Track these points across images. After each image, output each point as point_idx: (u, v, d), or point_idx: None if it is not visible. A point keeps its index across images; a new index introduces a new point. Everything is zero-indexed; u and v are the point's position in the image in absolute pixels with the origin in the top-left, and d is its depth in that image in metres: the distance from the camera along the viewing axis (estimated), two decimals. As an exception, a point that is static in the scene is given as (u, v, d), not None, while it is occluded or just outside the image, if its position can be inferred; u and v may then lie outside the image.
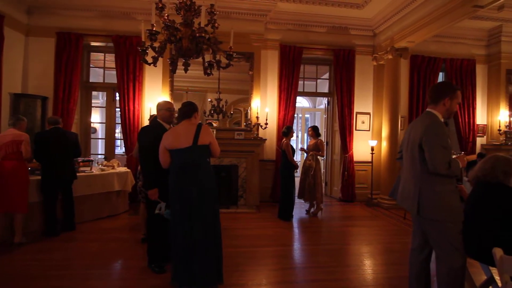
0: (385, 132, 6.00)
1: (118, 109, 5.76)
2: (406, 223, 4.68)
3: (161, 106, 2.97)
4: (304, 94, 7.23)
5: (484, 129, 6.67)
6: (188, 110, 2.58)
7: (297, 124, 10.11)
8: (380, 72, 6.28)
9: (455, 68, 6.41)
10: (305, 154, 5.42)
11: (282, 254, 3.47)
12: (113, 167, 4.83)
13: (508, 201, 1.99)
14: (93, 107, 6.66)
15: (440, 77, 6.62)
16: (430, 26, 4.97)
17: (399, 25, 5.52)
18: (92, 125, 6.54)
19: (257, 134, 5.58)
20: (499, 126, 6.42)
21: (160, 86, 5.53)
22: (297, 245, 3.85)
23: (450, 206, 1.95)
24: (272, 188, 6.01)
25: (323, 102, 8.01)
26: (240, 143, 5.47)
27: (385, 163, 5.94)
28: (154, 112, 5.13)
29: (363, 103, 6.43)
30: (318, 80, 7.01)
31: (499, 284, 1.84)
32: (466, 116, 6.43)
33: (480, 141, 6.63)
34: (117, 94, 5.73)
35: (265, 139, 5.74)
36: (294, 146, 5.71)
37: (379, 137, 6.22)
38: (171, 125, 3.01)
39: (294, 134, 7.54)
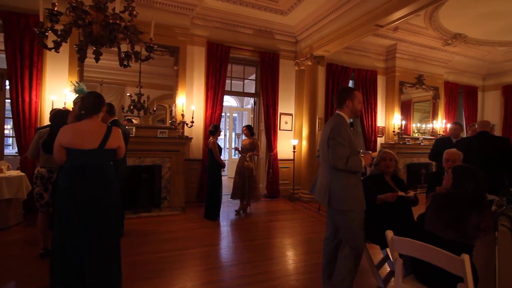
0: (305, 132, 6.50)
1: (9, 100, 4.77)
2: (322, 215, 5.16)
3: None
4: (231, 93, 7.27)
5: (383, 131, 7.84)
6: (96, 103, 2.24)
7: (225, 123, 10.12)
8: (301, 77, 6.77)
9: (362, 77, 7.36)
10: (238, 154, 5.42)
11: (208, 254, 3.42)
12: (1, 171, 3.98)
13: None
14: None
15: (351, 84, 7.51)
16: (342, 38, 5.59)
17: (318, 35, 6.04)
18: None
19: (183, 132, 5.36)
20: (394, 128, 7.65)
21: (66, 76, 4.78)
22: (223, 244, 3.84)
23: (354, 197, 2.21)
24: (199, 188, 5.86)
25: (250, 102, 8.22)
26: (163, 141, 5.17)
27: (305, 160, 6.44)
28: (57, 105, 4.47)
29: (286, 105, 6.83)
30: (246, 80, 7.15)
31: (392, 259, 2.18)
32: (370, 119, 7.46)
33: (380, 140, 7.78)
34: (7, 82, 4.74)
35: (191, 138, 5.55)
36: (222, 145, 5.68)
37: (300, 137, 6.71)
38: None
39: (222, 133, 7.52)
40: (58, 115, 3.12)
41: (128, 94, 5.21)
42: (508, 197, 2.34)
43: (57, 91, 4.71)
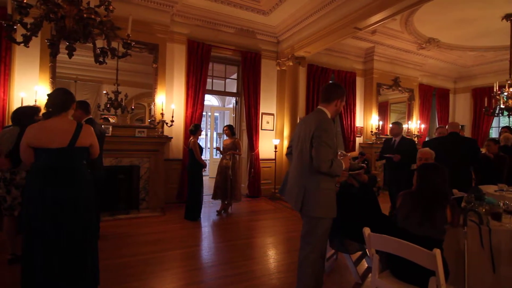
0: (286, 131, 6.56)
1: (-27, 97, 4.46)
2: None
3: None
4: (213, 92, 7.21)
5: (361, 131, 8.06)
6: (64, 100, 2.13)
7: (206, 123, 10.02)
8: (282, 77, 6.82)
9: (341, 79, 7.52)
10: (219, 154, 5.38)
11: (189, 256, 3.37)
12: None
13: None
14: None
15: (330, 85, 7.65)
16: (322, 40, 5.69)
17: (299, 36, 6.11)
18: None
19: (162, 132, 5.25)
20: (372, 128, 7.88)
21: (37, 72, 4.53)
22: (204, 245, 3.79)
23: (329, 204, 2.09)
24: (179, 189, 5.76)
25: (232, 102, 8.18)
26: (142, 141, 5.03)
27: (287, 160, 6.49)
28: (27, 103, 4.24)
29: (268, 105, 6.86)
30: (227, 80, 7.11)
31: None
32: (349, 119, 7.64)
33: (358, 140, 7.98)
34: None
35: (171, 138, 5.45)
36: (203, 145, 5.61)
37: (281, 136, 6.76)
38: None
39: (203, 133, 7.44)
40: (20, 113, 2.96)
41: (104, 92, 5.03)
42: (476, 194, 2.47)
43: (27, 88, 4.46)
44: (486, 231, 2.04)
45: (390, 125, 5.42)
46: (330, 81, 7.49)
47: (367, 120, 7.95)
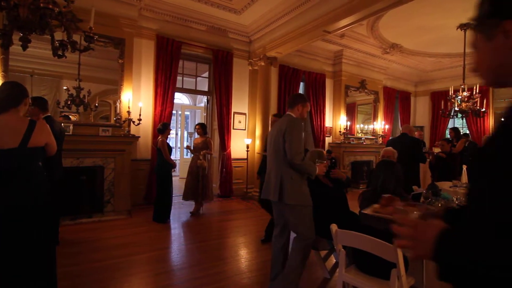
0: (258, 131, 6.59)
1: None
2: (274, 212, 5.28)
3: None
4: (183, 90, 7.05)
5: (330, 131, 8.32)
6: (14, 94, 1.92)
7: (176, 121, 9.76)
8: (254, 76, 6.84)
9: (312, 80, 7.71)
10: (190, 153, 5.26)
11: (157, 259, 3.26)
12: None
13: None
14: None
15: (301, 86, 7.81)
16: (293, 41, 5.79)
17: (270, 36, 6.16)
18: None
19: (129, 130, 5.02)
20: (340, 129, 8.16)
21: (-12, 64, 4.15)
22: (174, 247, 3.69)
23: (303, 192, 2.35)
24: (147, 190, 5.56)
25: (203, 100, 8.06)
26: (106, 140, 4.78)
27: (259, 159, 6.52)
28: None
29: (240, 104, 6.84)
30: (198, 78, 6.98)
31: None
32: (319, 120, 7.85)
33: (328, 140, 8.23)
34: None
35: (138, 137, 5.23)
36: (173, 144, 5.46)
37: (253, 136, 6.78)
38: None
39: (173, 132, 7.24)
40: None
41: (65, 88, 4.70)
42: (433, 190, 2.65)
43: (-26, 82, 4.06)
44: (441, 224, 2.19)
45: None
46: (301, 84, 7.66)
47: (336, 120, 8.22)
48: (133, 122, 4.97)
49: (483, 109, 6.29)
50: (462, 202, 2.48)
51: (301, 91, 7.77)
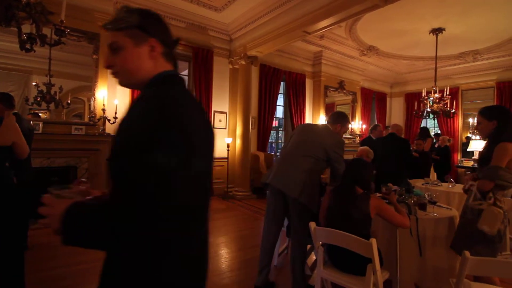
0: (239, 130, 6.56)
1: None
2: (256, 211, 5.29)
3: None
4: (162, 88, 6.87)
5: (310, 130, 8.43)
6: None
7: (155, 120, 9.51)
8: (235, 75, 6.80)
9: (292, 80, 7.79)
10: None
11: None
12: None
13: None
14: None
15: (282, 86, 7.86)
16: (274, 41, 5.81)
17: (251, 35, 6.15)
18: None
19: (104, 129, 4.84)
20: (319, 128, 8.30)
21: None
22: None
23: (315, 194, 2.39)
24: (124, 190, 5.37)
25: (183, 99, 7.88)
26: (79, 139, 4.58)
27: (239, 158, 6.50)
28: None
29: (220, 103, 6.78)
30: (178, 76, 6.84)
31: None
32: (299, 119, 7.94)
33: (307, 139, 8.33)
34: None
35: (114, 135, 5.04)
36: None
37: (234, 135, 6.74)
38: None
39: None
40: None
41: (34, 84, 4.44)
42: (406, 187, 2.75)
43: None
44: (414, 220, 2.28)
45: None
46: (282, 84, 7.70)
47: (316, 120, 8.35)
48: (109, 120, 4.79)
49: (453, 110, 6.63)
50: (433, 198, 2.59)
51: (281, 90, 7.83)
